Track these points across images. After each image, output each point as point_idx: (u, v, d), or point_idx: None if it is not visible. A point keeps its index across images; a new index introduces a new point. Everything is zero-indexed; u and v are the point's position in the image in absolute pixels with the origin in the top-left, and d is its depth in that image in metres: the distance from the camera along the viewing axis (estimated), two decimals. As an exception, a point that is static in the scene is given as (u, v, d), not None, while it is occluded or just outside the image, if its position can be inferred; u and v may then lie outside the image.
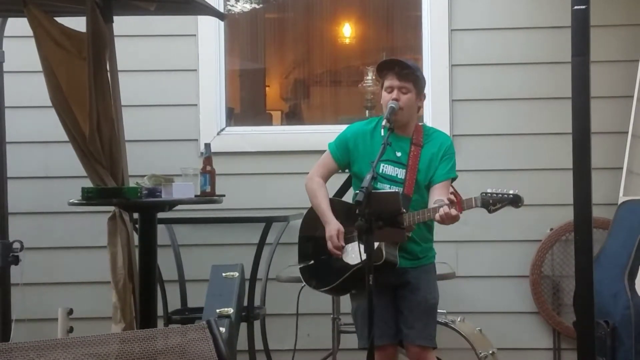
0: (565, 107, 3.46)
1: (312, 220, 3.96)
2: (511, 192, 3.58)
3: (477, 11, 5.27)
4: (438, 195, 3.75)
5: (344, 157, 3.91)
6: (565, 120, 3.59)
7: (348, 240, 3.81)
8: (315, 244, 3.94)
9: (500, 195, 3.57)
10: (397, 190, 3.68)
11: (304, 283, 4.01)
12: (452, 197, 3.57)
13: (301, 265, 3.98)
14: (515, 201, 3.57)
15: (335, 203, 3.92)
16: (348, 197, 4.00)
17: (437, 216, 3.60)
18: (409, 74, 3.77)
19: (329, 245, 3.79)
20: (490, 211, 3.59)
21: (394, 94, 3.75)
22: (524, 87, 5.20)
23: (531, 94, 5.19)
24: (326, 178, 3.96)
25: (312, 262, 3.95)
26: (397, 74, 3.77)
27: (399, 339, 3.90)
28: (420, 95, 3.84)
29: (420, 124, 3.98)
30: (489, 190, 3.60)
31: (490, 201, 3.57)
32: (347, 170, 4.00)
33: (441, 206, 3.58)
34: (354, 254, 3.73)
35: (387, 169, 3.79)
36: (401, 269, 3.77)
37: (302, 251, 4.01)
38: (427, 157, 3.82)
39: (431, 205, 3.76)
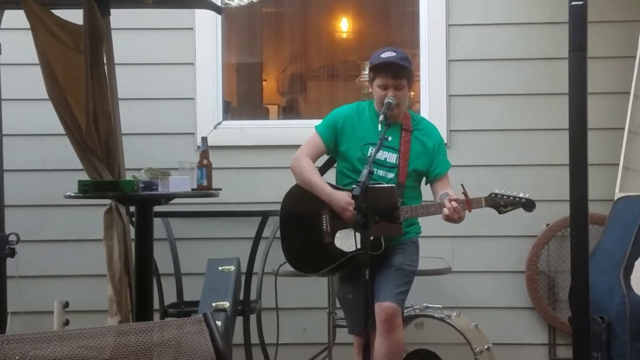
0: (562, 103, 3.45)
1: (296, 200, 3.92)
2: (521, 195, 3.66)
3: (475, 6, 5.27)
4: (443, 189, 3.81)
5: (332, 138, 3.94)
6: (562, 116, 3.58)
7: (342, 227, 3.82)
8: (302, 225, 3.91)
9: (512, 197, 3.65)
10: (392, 184, 3.70)
11: (286, 263, 3.98)
12: (462, 196, 3.61)
13: (286, 247, 3.94)
14: (529, 205, 3.69)
15: None
16: (327, 178, 4.00)
17: (444, 210, 3.63)
18: (404, 72, 3.80)
19: (347, 215, 3.73)
20: (500, 212, 3.67)
21: (390, 92, 3.79)
22: (521, 83, 5.21)
23: (528, 90, 5.20)
24: (314, 159, 3.97)
25: (301, 245, 3.92)
26: (392, 75, 3.80)
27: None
28: (412, 83, 3.93)
29: (405, 110, 4.01)
30: (497, 192, 3.67)
31: (502, 203, 3.66)
32: (328, 155, 4.04)
33: (451, 200, 3.61)
34: (348, 241, 3.73)
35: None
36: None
37: (287, 232, 3.95)
38: (418, 144, 3.88)
39: (438, 199, 3.81)
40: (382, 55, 3.85)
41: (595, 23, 3.98)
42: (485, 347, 4.36)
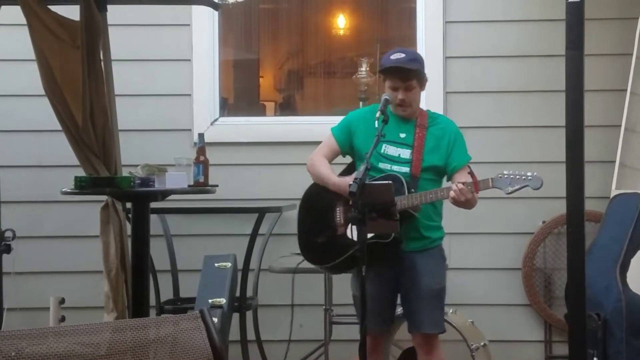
0: (559, 100, 3.46)
1: (313, 197, 3.96)
2: (529, 173, 3.63)
3: (472, 3, 5.26)
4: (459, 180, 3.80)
5: (346, 139, 3.95)
6: (558, 113, 3.59)
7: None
8: (317, 219, 3.93)
9: (519, 177, 3.64)
10: (390, 180, 3.69)
11: (303, 259, 4.01)
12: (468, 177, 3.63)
13: (303, 241, 3.96)
14: (536, 183, 3.64)
15: None
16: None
17: (451, 192, 3.63)
18: (412, 74, 3.81)
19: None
20: (507, 192, 3.64)
21: (400, 93, 3.81)
22: (518, 80, 5.20)
23: (525, 87, 5.20)
24: (329, 159, 3.98)
25: (316, 237, 3.93)
26: (400, 77, 3.81)
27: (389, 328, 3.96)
28: (423, 82, 3.91)
29: (424, 110, 4.01)
30: (505, 172, 3.66)
31: (509, 182, 3.62)
32: (344, 155, 4.03)
33: (458, 183, 3.63)
34: None
35: (389, 150, 3.83)
36: (403, 253, 3.78)
37: (303, 227, 3.99)
38: (432, 140, 3.87)
39: None
40: (392, 57, 3.85)
41: (592, 20, 3.98)
42: (482, 343, 4.37)
